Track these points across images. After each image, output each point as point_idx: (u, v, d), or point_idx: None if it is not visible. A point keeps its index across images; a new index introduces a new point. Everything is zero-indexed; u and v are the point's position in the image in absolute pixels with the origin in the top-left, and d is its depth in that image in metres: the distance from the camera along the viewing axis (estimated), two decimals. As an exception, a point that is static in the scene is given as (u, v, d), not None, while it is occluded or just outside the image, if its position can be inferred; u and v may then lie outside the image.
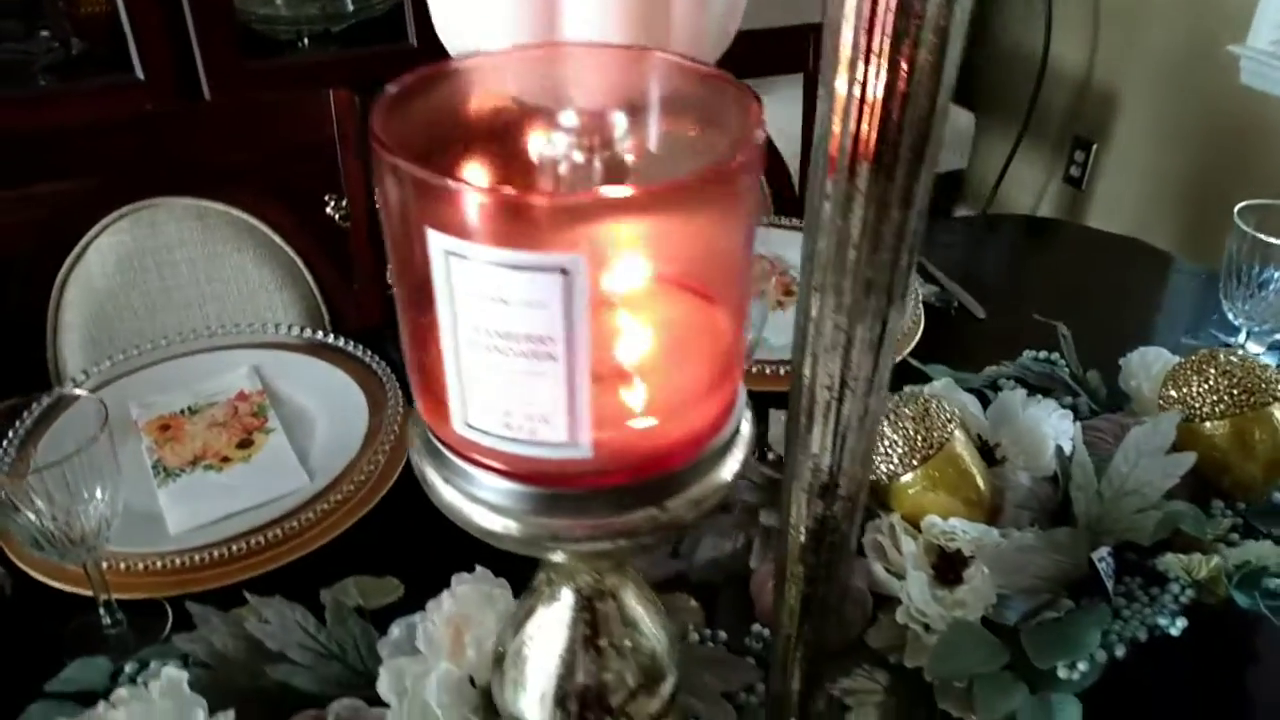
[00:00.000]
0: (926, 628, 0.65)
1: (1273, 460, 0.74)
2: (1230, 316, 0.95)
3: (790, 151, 1.48)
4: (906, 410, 0.70)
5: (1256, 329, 0.94)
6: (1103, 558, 0.66)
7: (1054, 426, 0.74)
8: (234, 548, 0.75)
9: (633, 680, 0.39)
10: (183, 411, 0.92)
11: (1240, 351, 0.75)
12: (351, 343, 0.97)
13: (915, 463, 0.69)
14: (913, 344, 1.04)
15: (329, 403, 0.92)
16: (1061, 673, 0.62)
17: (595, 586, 0.37)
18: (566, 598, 0.37)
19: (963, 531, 0.68)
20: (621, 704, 0.39)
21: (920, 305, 1.09)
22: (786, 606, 0.50)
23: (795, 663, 0.52)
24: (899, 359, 1.00)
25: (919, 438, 0.69)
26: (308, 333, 1.00)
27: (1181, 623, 0.64)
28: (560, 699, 0.38)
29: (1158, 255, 1.28)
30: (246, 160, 1.24)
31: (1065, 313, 1.17)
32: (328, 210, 1.29)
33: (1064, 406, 0.81)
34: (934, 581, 0.68)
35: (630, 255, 0.27)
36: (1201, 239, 2.37)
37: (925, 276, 1.18)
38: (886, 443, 0.70)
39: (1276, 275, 0.91)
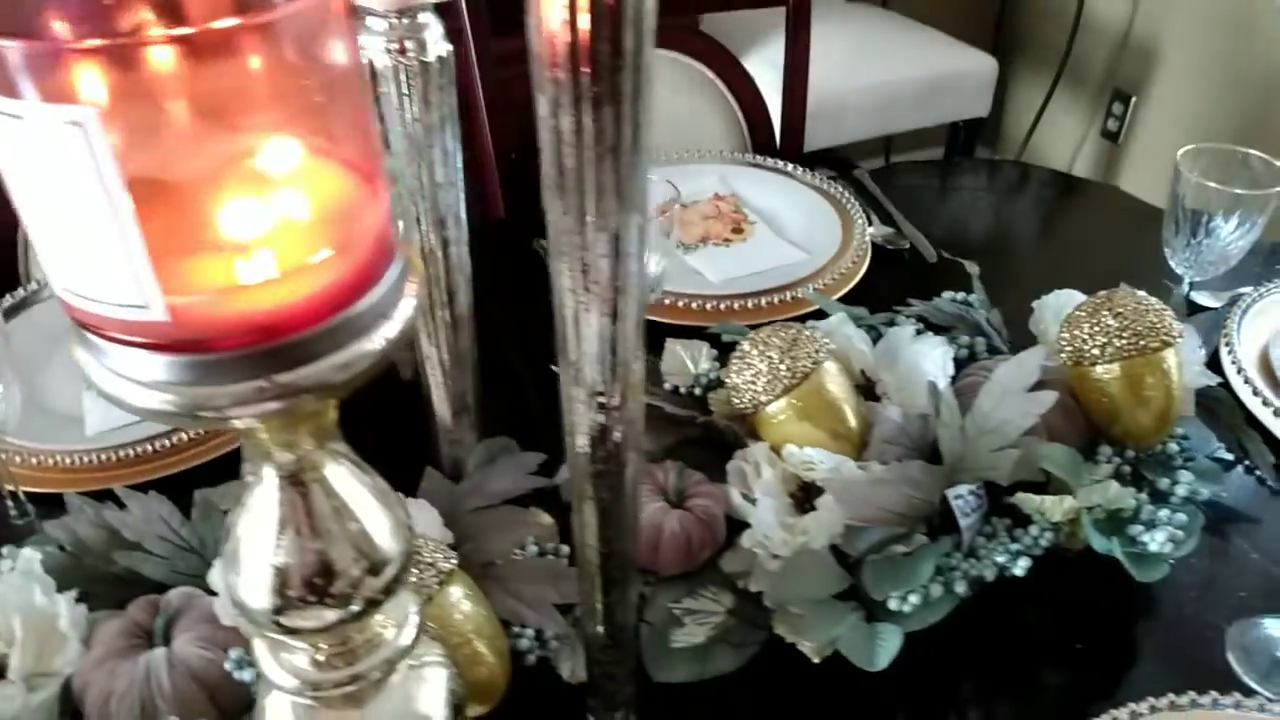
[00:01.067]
0: (775, 556, 0.65)
1: (1164, 408, 0.72)
2: (1172, 265, 0.91)
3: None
4: (774, 339, 0.70)
5: (1197, 278, 0.91)
6: (960, 495, 0.65)
7: (936, 364, 0.73)
8: (145, 448, 0.78)
9: (347, 564, 0.40)
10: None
11: (1140, 294, 0.72)
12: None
13: (778, 391, 0.69)
14: (853, 283, 1.02)
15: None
16: (892, 604, 0.61)
17: (294, 466, 0.38)
18: (270, 478, 0.38)
19: (820, 462, 0.67)
20: (337, 588, 0.40)
21: (867, 244, 1.07)
22: (581, 520, 0.51)
23: (596, 574, 0.53)
24: (836, 296, 0.99)
25: (783, 366, 0.68)
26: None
27: (1024, 563, 0.63)
28: (275, 584, 0.39)
29: (1139, 205, 1.23)
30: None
31: (1025, 260, 1.15)
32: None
33: (962, 347, 0.79)
34: (791, 509, 0.68)
35: (198, 105, 0.27)
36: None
37: (883, 217, 1.16)
38: (751, 371, 0.70)
39: (1219, 223, 0.87)
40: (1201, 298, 1.02)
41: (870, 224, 1.14)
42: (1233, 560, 0.75)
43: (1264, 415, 0.84)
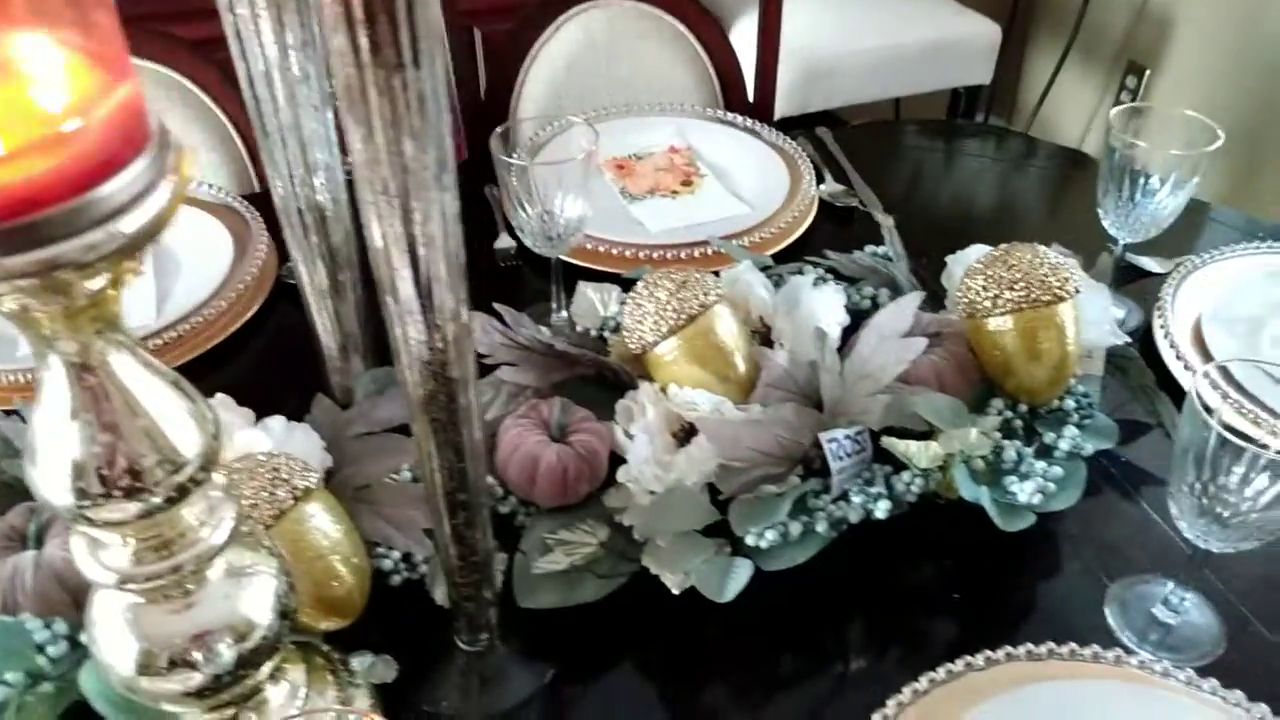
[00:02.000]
0: (651, 493, 0.66)
1: (1059, 363, 0.71)
2: (1105, 226, 0.90)
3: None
4: (664, 282, 0.70)
5: (1129, 239, 0.89)
6: (834, 439, 0.66)
7: (829, 312, 0.73)
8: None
9: (139, 457, 0.41)
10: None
11: (1040, 249, 0.72)
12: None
13: (664, 331, 0.69)
14: (793, 237, 1.02)
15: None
16: (749, 539, 0.62)
17: (77, 356, 0.39)
18: (57, 368, 0.40)
19: (702, 403, 0.68)
20: (131, 481, 0.41)
21: (812, 201, 1.07)
22: (420, 443, 0.52)
23: (441, 498, 0.54)
24: (774, 249, 0.99)
25: (670, 308, 0.69)
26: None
27: (884, 505, 0.63)
28: (71, 476, 0.41)
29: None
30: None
31: (974, 219, 1.14)
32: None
33: (865, 297, 0.79)
34: (671, 447, 0.68)
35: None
36: (1254, 176, 2.22)
37: (835, 174, 1.15)
38: (640, 312, 0.70)
39: (1151, 184, 0.86)
40: (1148, 263, 1.01)
41: (822, 181, 1.14)
42: (1129, 519, 0.74)
43: (1185, 380, 0.83)
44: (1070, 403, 0.73)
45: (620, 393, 0.73)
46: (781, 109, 1.94)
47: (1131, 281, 1.00)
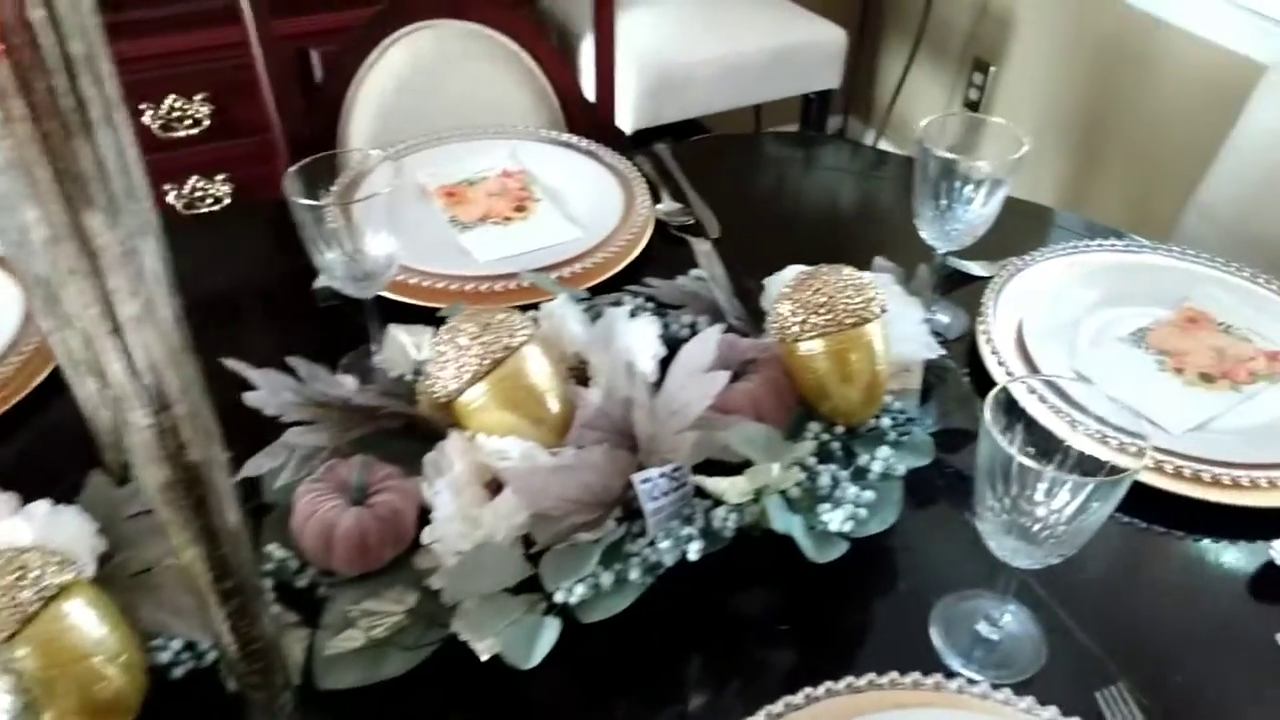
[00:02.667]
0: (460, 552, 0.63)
1: (870, 383, 0.71)
2: (924, 238, 0.90)
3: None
4: (465, 325, 0.67)
5: (947, 250, 0.90)
6: (648, 479, 0.63)
7: (642, 344, 0.71)
8: None
9: None
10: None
11: (846, 270, 0.71)
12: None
13: (467, 379, 0.66)
14: (628, 260, 1.00)
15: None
16: (559, 596, 0.60)
17: None
18: None
19: (512, 450, 0.65)
20: None
21: (645, 222, 1.05)
22: (174, 538, 0.48)
23: (208, 590, 0.50)
24: (605, 275, 0.96)
25: (473, 353, 0.66)
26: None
27: (696, 546, 0.62)
28: None
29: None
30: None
31: (810, 233, 1.14)
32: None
33: (684, 326, 0.77)
34: (482, 500, 0.65)
35: None
36: (1094, 167, 2.31)
37: (673, 192, 1.14)
38: (442, 359, 0.67)
39: (964, 193, 0.87)
40: (972, 268, 1.03)
41: (659, 201, 1.12)
42: (956, 532, 0.74)
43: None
44: (886, 421, 0.73)
45: (434, 443, 0.70)
46: (635, 121, 1.93)
47: (961, 286, 1.02)
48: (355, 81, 1.27)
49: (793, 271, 0.80)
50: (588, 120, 1.37)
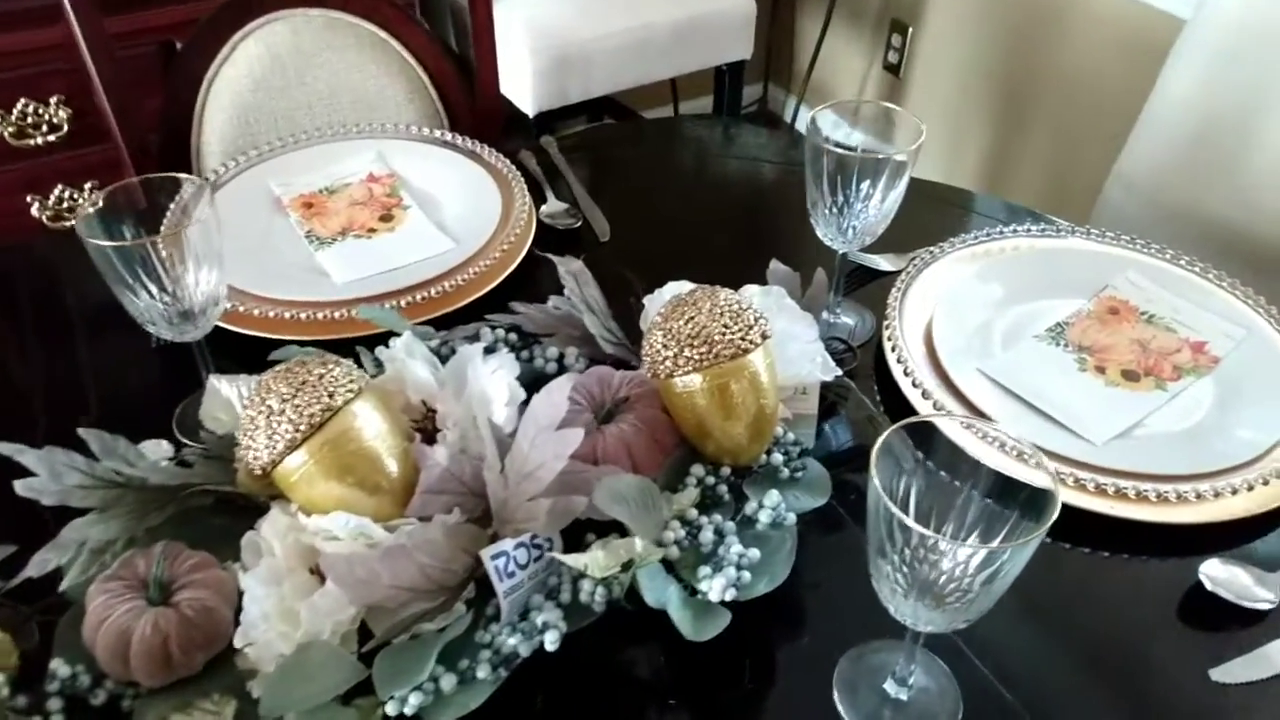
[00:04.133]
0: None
1: (757, 417, 0.63)
2: (821, 237, 0.82)
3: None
4: (277, 385, 0.57)
5: (846, 249, 0.82)
6: (502, 553, 0.55)
7: (495, 389, 0.62)
8: None
9: None
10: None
11: (723, 294, 0.63)
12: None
13: (281, 447, 0.56)
14: (507, 272, 0.90)
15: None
16: (390, 707, 0.51)
17: None
18: None
19: (340, 528, 0.56)
20: None
21: (525, 228, 0.95)
22: None
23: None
24: (482, 292, 0.87)
25: (285, 417, 0.56)
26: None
27: (554, 635, 0.53)
28: None
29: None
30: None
31: (710, 234, 1.04)
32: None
33: (550, 360, 0.68)
34: (312, 587, 0.56)
35: None
36: (1018, 131, 2.25)
37: (557, 192, 1.04)
38: (251, 426, 0.57)
39: (863, 189, 0.79)
40: (879, 262, 0.95)
41: (544, 201, 1.03)
42: (857, 575, 0.67)
43: (917, 401, 0.77)
44: (779, 457, 0.65)
45: (255, 519, 0.60)
46: (537, 104, 1.83)
47: (872, 281, 0.94)
48: (206, 82, 1.15)
49: (674, 289, 0.71)
50: (471, 109, 1.26)
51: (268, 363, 0.68)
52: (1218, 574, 0.66)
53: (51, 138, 1.62)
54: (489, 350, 0.66)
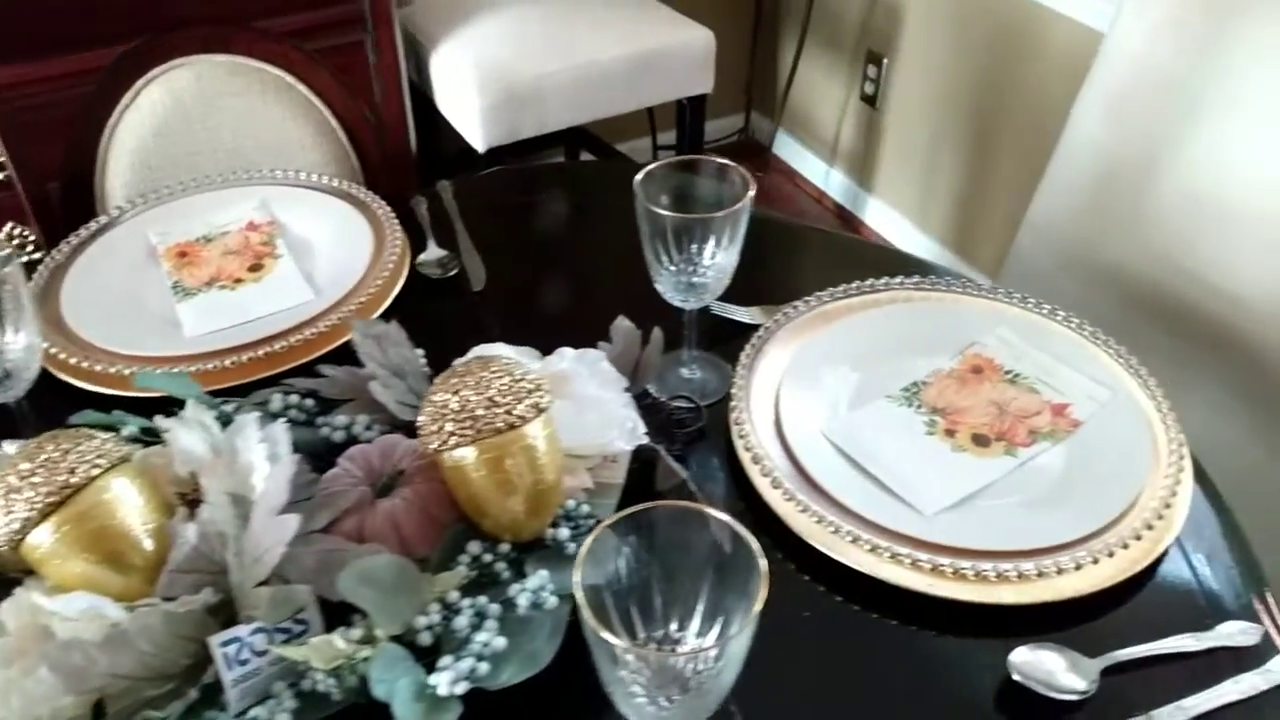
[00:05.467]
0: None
1: (538, 492, 0.61)
2: (664, 296, 0.80)
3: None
4: (20, 461, 0.56)
5: (693, 304, 0.80)
6: (235, 639, 0.53)
7: (258, 462, 0.60)
8: None
9: None
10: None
11: (498, 363, 0.60)
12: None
13: (17, 525, 0.55)
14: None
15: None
16: (86, 806, 0.49)
17: None
18: None
19: (72, 610, 0.54)
20: None
21: (392, 275, 0.94)
22: None
23: None
24: (334, 344, 0.86)
25: (24, 494, 0.55)
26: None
27: (274, 726, 0.51)
28: None
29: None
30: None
31: (581, 281, 1.02)
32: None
33: (338, 429, 0.67)
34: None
35: None
36: (984, 164, 2.21)
37: (439, 239, 1.03)
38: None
39: (699, 248, 0.76)
40: (737, 313, 0.92)
41: (424, 249, 1.02)
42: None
43: (749, 466, 0.74)
44: (565, 531, 0.62)
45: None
46: (487, 139, 1.82)
47: (739, 335, 0.91)
48: (109, 128, 1.16)
49: (477, 353, 0.70)
50: (382, 149, 1.26)
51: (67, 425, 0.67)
52: (1025, 660, 0.62)
53: (-1, 175, 1.65)
54: (279, 417, 0.65)
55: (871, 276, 0.93)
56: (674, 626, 0.53)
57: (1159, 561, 0.70)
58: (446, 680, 0.52)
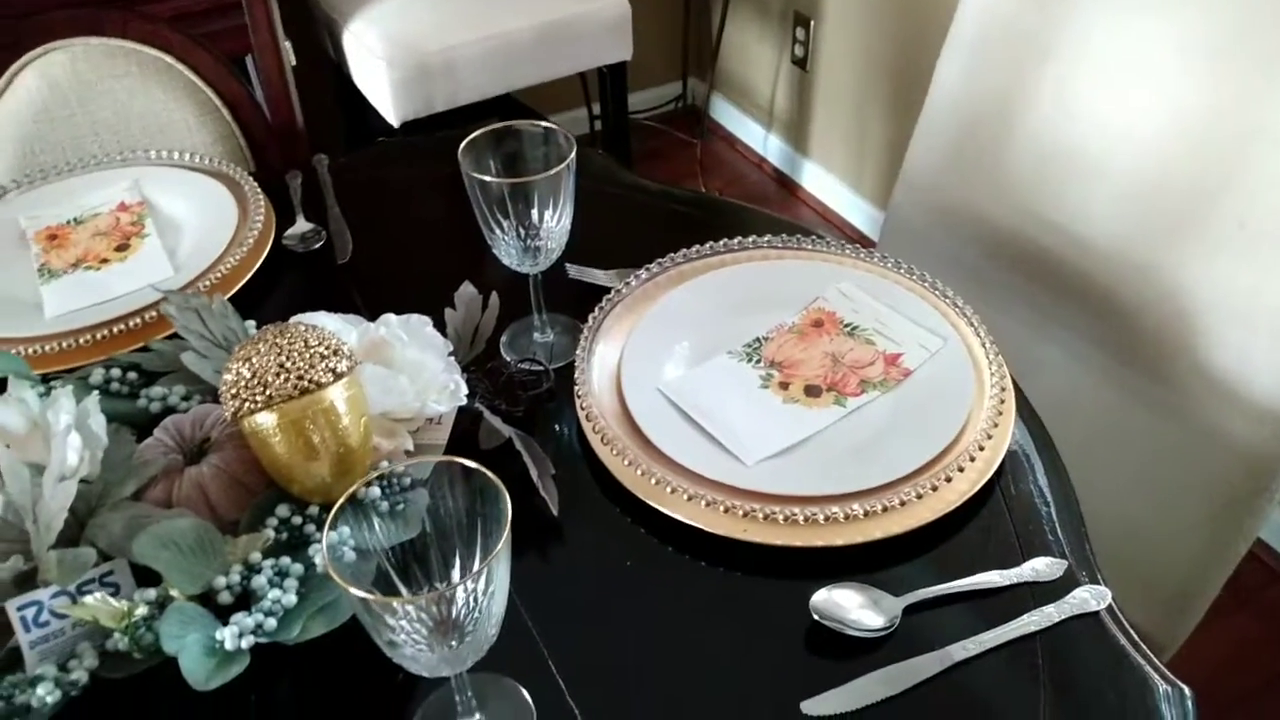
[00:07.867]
0: None
1: (341, 455, 0.62)
2: (505, 263, 0.81)
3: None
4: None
5: (533, 269, 0.81)
6: (32, 603, 0.55)
7: (71, 437, 0.61)
8: None
9: None
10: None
11: (296, 327, 0.62)
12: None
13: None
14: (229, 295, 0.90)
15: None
16: None
17: None
18: None
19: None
20: None
21: (250, 251, 0.95)
22: None
23: None
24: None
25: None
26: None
27: (54, 697, 0.53)
28: None
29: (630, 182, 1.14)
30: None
31: (440, 255, 1.03)
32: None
33: (155, 400, 0.68)
34: None
35: None
36: (914, 122, 2.22)
37: (315, 214, 1.04)
38: None
39: (531, 214, 0.78)
40: (596, 276, 0.93)
41: (293, 224, 1.02)
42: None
43: (584, 424, 0.76)
44: (376, 491, 0.64)
45: None
46: (400, 114, 1.82)
47: (595, 298, 0.92)
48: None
49: (323, 322, 0.71)
50: (266, 128, 1.26)
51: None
52: (824, 600, 0.64)
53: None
54: (97, 390, 0.66)
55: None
56: (456, 579, 0.55)
57: (976, 502, 0.72)
58: (231, 635, 0.54)
